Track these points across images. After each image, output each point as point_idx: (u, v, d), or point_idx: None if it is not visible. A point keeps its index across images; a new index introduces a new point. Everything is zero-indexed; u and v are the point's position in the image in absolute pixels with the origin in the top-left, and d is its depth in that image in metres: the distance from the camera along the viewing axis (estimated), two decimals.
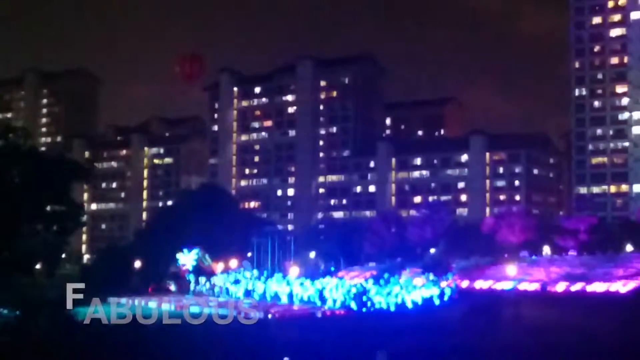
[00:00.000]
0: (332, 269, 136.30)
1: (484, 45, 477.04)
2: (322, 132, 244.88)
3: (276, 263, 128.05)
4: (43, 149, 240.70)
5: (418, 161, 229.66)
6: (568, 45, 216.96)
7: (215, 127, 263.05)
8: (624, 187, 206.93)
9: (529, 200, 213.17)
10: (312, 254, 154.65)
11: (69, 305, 52.39)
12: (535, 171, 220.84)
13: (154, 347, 44.86)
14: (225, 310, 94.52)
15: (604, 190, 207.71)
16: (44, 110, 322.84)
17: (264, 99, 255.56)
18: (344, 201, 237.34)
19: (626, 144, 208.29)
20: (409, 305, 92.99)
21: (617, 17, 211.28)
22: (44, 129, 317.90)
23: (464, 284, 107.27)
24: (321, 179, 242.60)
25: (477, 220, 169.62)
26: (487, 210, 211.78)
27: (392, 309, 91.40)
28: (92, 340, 44.04)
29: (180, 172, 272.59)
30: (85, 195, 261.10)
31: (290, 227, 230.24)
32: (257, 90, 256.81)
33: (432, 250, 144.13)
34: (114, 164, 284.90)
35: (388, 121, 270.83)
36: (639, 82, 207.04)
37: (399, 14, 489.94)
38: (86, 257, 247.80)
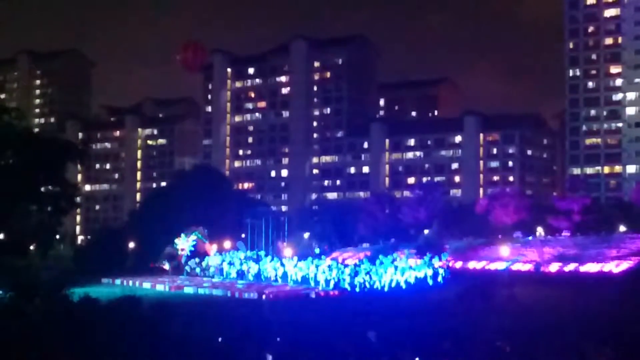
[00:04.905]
0: (317, 251, 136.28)
1: (480, 26, 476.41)
2: (316, 113, 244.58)
3: (270, 244, 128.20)
4: (36, 130, 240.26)
5: (412, 142, 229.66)
6: (562, 26, 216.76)
7: (209, 108, 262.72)
8: (618, 168, 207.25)
9: (523, 181, 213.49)
10: (306, 235, 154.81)
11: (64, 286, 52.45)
12: (529, 152, 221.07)
13: (149, 327, 44.93)
14: (220, 292, 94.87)
15: (598, 171, 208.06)
16: (37, 92, 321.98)
17: (257, 80, 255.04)
18: (338, 182, 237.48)
19: (620, 124, 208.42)
20: (403, 286, 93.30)
21: None
22: (37, 110, 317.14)
23: (458, 264, 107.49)
24: (315, 159, 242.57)
25: (470, 201, 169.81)
26: (481, 191, 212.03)
27: (386, 289, 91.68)
28: (88, 321, 44.08)
29: (174, 153, 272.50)
30: (79, 177, 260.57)
31: (284, 207, 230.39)
32: (251, 71, 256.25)
33: (426, 231, 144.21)
34: (107, 145, 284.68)
35: (382, 102, 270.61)
36: (633, 63, 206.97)
37: None
38: (80, 238, 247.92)
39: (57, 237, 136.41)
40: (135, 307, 48.97)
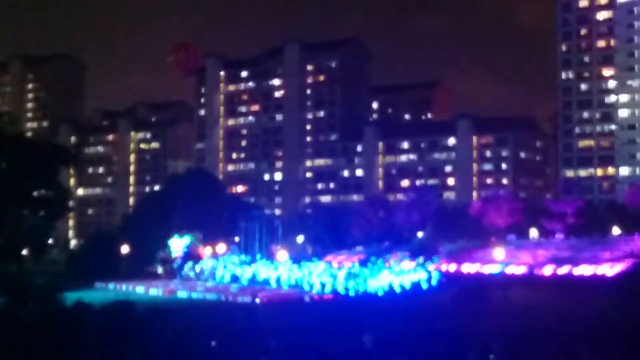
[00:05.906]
0: (311, 255, 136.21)
1: (473, 29, 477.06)
2: (309, 116, 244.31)
3: (264, 247, 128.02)
4: (29, 134, 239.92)
5: (405, 145, 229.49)
6: (555, 29, 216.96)
7: (202, 112, 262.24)
8: (611, 170, 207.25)
9: (516, 184, 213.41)
10: (300, 239, 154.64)
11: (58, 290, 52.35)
12: (522, 154, 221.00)
13: (143, 332, 44.80)
14: (213, 295, 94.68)
15: (591, 174, 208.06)
16: (30, 96, 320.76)
17: (250, 83, 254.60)
18: (332, 185, 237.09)
19: (613, 127, 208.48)
20: (397, 289, 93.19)
21: (603, 0, 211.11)
22: (29, 114, 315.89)
23: (452, 267, 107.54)
24: (308, 163, 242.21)
25: (464, 203, 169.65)
26: (474, 193, 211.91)
27: (380, 293, 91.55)
28: (81, 325, 43.95)
29: (167, 156, 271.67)
30: (72, 180, 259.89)
31: (277, 211, 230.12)
32: (244, 74, 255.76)
33: (420, 234, 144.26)
34: (100, 148, 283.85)
35: (375, 105, 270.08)
36: (626, 65, 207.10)
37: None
38: (73, 242, 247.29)
39: (50, 241, 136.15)
40: (128, 312, 48.82)
